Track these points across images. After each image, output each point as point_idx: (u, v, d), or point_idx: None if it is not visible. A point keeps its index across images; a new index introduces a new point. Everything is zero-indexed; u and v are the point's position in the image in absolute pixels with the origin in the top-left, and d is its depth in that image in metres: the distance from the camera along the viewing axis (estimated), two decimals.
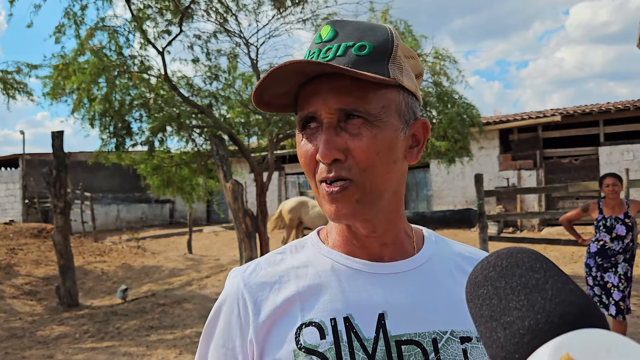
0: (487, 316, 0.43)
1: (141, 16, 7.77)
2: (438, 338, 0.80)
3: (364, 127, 0.78)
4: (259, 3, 8.58)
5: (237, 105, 9.60)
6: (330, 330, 0.79)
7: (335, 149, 0.77)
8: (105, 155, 8.86)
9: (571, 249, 10.87)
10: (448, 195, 17.27)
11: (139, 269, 12.08)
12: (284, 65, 0.75)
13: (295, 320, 0.81)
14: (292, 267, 0.88)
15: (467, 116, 8.78)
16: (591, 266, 5.23)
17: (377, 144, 0.78)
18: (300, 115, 0.82)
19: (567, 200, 15.84)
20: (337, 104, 0.77)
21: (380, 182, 0.80)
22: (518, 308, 0.41)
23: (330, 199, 0.79)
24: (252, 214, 8.11)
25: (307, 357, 0.78)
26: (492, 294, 0.43)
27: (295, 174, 21.40)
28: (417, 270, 0.86)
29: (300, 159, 0.84)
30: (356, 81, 0.77)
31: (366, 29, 0.81)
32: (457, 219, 8.85)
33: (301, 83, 0.81)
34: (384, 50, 0.80)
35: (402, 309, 0.81)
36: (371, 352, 0.78)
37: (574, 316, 0.38)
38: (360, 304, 0.81)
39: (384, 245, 0.86)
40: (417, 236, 0.92)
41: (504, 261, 0.45)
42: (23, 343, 6.72)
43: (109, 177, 23.53)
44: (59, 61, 8.03)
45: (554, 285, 0.41)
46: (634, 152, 14.75)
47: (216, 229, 20.42)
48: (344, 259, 0.86)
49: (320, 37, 0.82)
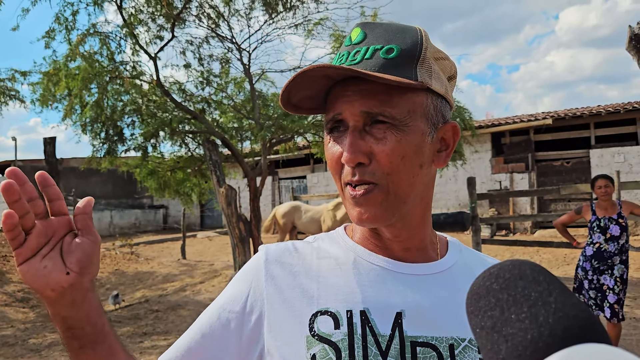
0: (488, 327, 0.42)
1: (133, 21, 7.74)
2: (455, 344, 0.79)
3: (389, 132, 0.78)
4: (250, 8, 8.59)
5: (230, 110, 9.59)
6: (346, 321, 0.79)
7: (359, 153, 0.77)
8: (98, 161, 8.82)
9: (563, 251, 10.92)
10: (441, 199, 17.32)
11: (133, 275, 12.02)
12: (308, 70, 0.76)
13: (310, 306, 0.81)
14: (317, 254, 0.89)
15: (459, 119, 8.82)
16: (587, 269, 5.18)
17: (401, 149, 0.78)
18: (327, 118, 0.82)
19: (559, 203, 15.93)
20: (362, 107, 0.77)
21: (404, 187, 0.80)
22: (521, 320, 0.40)
23: (355, 202, 0.80)
24: (246, 218, 8.10)
25: (319, 345, 0.78)
26: (494, 305, 0.43)
27: (289, 178, 21.38)
28: (439, 275, 0.85)
29: (328, 160, 0.84)
30: (382, 85, 0.77)
31: (396, 32, 0.81)
32: (451, 222, 8.90)
33: (330, 86, 0.82)
34: (412, 53, 0.79)
35: (421, 310, 0.81)
36: (385, 348, 0.77)
37: (577, 330, 0.38)
38: (378, 300, 0.81)
39: (407, 250, 0.86)
40: (440, 243, 0.92)
41: (506, 273, 0.44)
42: (15, 351, 6.66)
43: (101, 183, 23.41)
44: (49, 67, 7.98)
45: (557, 299, 0.41)
46: (624, 154, 14.85)
47: (210, 234, 20.35)
48: (367, 255, 0.86)
49: (350, 40, 0.83)
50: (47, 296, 0.75)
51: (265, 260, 0.88)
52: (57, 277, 0.73)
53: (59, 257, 0.75)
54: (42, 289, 0.74)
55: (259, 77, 9.49)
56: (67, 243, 0.76)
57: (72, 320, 0.77)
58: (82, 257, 0.75)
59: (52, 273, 0.73)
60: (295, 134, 8.89)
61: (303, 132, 8.71)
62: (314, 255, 0.89)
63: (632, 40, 4.33)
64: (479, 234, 7.87)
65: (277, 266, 0.87)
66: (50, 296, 0.74)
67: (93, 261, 0.77)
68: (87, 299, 0.77)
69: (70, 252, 0.75)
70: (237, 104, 9.65)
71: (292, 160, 18.39)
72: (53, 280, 0.73)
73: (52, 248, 0.75)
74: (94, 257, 0.77)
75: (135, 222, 24.22)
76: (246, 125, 9.74)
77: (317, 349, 0.77)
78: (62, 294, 0.74)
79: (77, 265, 0.75)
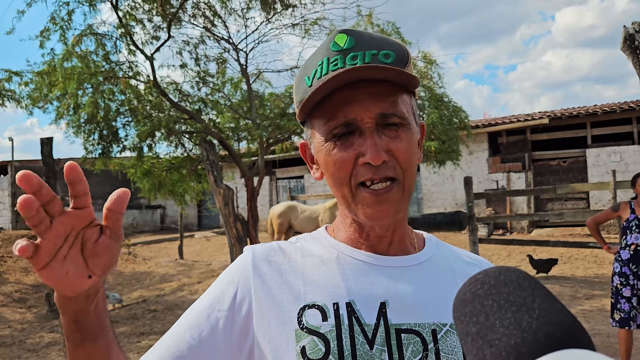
0: (473, 333, 0.43)
1: (128, 20, 7.71)
2: (437, 329, 0.82)
3: (400, 130, 0.83)
4: (247, 7, 8.58)
5: (227, 110, 9.57)
6: (333, 313, 0.82)
7: (383, 152, 0.81)
8: (92, 162, 8.76)
9: (560, 250, 10.94)
10: (438, 198, 17.33)
11: (130, 275, 12.01)
12: (351, 70, 0.79)
13: (298, 301, 0.84)
14: (301, 252, 0.92)
15: (456, 119, 8.84)
16: (627, 274, 4.74)
17: (410, 145, 0.84)
18: (332, 124, 0.84)
19: (556, 202, 15.96)
20: (377, 109, 0.82)
21: (413, 181, 0.86)
22: (505, 326, 0.41)
23: (376, 199, 0.82)
24: (243, 219, 8.10)
25: (308, 337, 0.80)
26: (479, 311, 0.44)
27: (286, 178, 21.36)
28: (418, 266, 0.89)
29: (332, 165, 0.85)
30: (390, 87, 0.82)
31: (380, 39, 0.86)
32: (448, 221, 8.91)
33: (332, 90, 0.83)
34: (403, 57, 0.84)
35: (404, 300, 0.84)
36: (371, 337, 0.80)
37: (560, 336, 0.38)
38: (362, 292, 0.84)
39: (389, 245, 0.90)
40: (417, 238, 0.96)
41: (492, 279, 0.45)
42: (12, 351, 6.65)
43: (99, 183, 23.29)
44: (44, 66, 7.91)
45: (541, 305, 0.41)
46: (620, 153, 14.88)
47: (207, 234, 20.32)
48: (349, 251, 0.90)
49: (337, 45, 0.84)
50: (65, 295, 0.71)
51: (252, 259, 0.90)
52: (79, 282, 0.69)
53: (79, 258, 0.69)
54: (63, 290, 0.70)
55: (256, 77, 9.48)
56: (90, 241, 0.70)
57: (82, 313, 0.74)
58: (108, 262, 0.71)
59: (74, 277, 0.69)
60: (292, 133, 8.89)
61: (300, 132, 8.71)
62: (298, 254, 0.91)
63: (627, 40, 4.34)
64: (476, 234, 7.87)
65: (265, 264, 0.89)
66: (69, 296, 0.71)
67: (115, 261, 0.73)
68: (98, 292, 0.75)
69: (96, 255, 0.70)
70: (233, 104, 9.63)
71: (289, 160, 18.37)
72: (74, 285, 0.69)
73: (72, 245, 0.68)
74: (116, 258, 0.73)
75: (132, 222, 24.16)
76: (243, 125, 9.73)
77: (307, 341, 0.80)
78: (80, 294, 0.71)
79: (102, 269, 0.71)
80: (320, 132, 0.86)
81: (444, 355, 0.81)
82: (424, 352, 0.80)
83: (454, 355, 0.81)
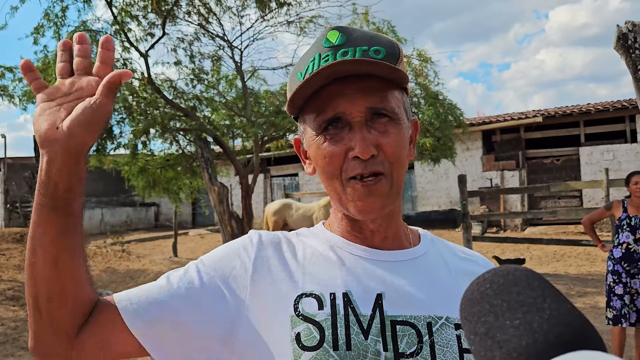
0: (482, 334, 0.42)
1: (123, 16, 7.67)
2: (433, 322, 0.83)
3: (389, 125, 0.84)
4: (243, 5, 8.55)
5: (222, 108, 9.54)
6: (329, 302, 0.83)
7: (371, 146, 0.82)
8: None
9: (553, 248, 10.99)
10: (432, 196, 17.35)
11: (124, 273, 11.96)
12: (338, 63, 0.80)
13: (295, 289, 0.84)
14: (302, 245, 0.93)
15: (451, 117, 8.84)
16: (620, 272, 4.81)
17: (400, 140, 0.85)
18: (322, 118, 0.85)
19: (549, 200, 16.02)
20: (366, 103, 0.83)
21: (402, 175, 0.88)
22: (515, 327, 0.40)
23: (365, 193, 0.83)
24: (238, 216, 8.08)
25: (303, 324, 0.81)
26: (488, 311, 0.43)
27: (281, 176, 21.32)
28: (414, 260, 0.91)
29: (321, 159, 0.87)
30: (379, 82, 0.83)
31: (372, 36, 0.87)
32: (442, 219, 8.91)
33: (320, 85, 0.84)
34: (394, 54, 0.85)
35: (400, 292, 0.85)
36: (366, 327, 0.81)
37: (571, 337, 0.38)
38: (359, 284, 0.85)
39: (384, 239, 0.91)
40: (413, 234, 0.97)
41: (501, 278, 0.44)
42: (6, 349, 6.61)
43: (92, 180, 23.19)
44: (38, 63, 7.86)
45: (551, 305, 0.41)
46: (613, 152, 14.95)
47: (202, 232, 20.27)
48: (346, 245, 0.91)
49: (329, 42, 0.86)
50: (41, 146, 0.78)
51: (258, 241, 0.91)
52: (47, 128, 0.76)
53: (64, 112, 0.77)
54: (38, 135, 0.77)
55: (251, 74, 9.45)
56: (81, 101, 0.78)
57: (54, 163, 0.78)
58: (76, 117, 0.76)
59: (47, 122, 0.77)
60: (287, 131, 8.87)
61: (295, 130, 8.69)
62: (299, 246, 0.93)
63: (620, 39, 4.35)
64: (470, 231, 7.88)
65: (270, 248, 0.90)
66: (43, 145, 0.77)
67: (90, 127, 0.77)
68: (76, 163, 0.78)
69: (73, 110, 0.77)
70: (228, 101, 9.60)
71: (283, 157, 18.34)
72: (44, 129, 0.77)
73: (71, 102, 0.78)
74: (92, 124, 0.77)
75: (126, 219, 24.05)
76: (238, 122, 9.70)
77: (302, 328, 0.81)
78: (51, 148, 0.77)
79: (69, 122, 0.76)
80: (311, 126, 0.87)
81: (439, 347, 0.81)
82: (419, 344, 0.81)
83: (449, 348, 0.82)
